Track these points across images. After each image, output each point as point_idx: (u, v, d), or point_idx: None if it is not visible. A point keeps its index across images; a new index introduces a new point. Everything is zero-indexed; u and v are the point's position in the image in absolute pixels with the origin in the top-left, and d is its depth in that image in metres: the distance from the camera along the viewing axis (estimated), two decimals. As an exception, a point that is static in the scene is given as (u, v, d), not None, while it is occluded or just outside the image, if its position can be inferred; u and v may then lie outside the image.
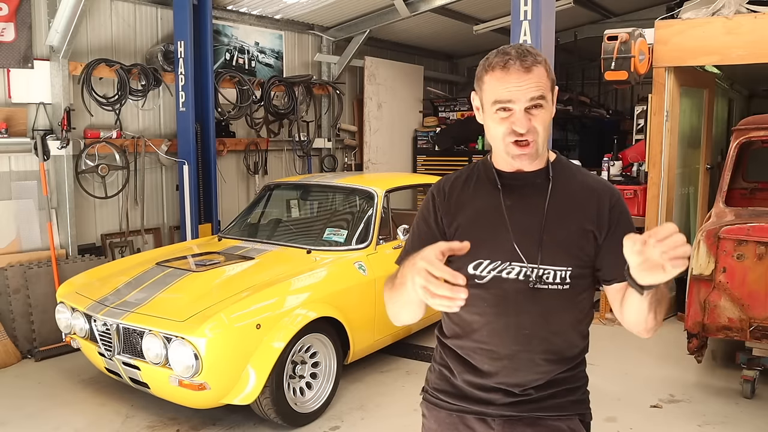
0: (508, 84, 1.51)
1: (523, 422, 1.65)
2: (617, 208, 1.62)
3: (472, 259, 1.61)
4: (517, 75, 1.51)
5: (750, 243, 4.11)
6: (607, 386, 4.47)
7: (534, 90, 1.51)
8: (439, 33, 8.76)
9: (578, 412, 1.69)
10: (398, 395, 4.33)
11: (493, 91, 1.53)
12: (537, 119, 1.53)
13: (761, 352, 4.17)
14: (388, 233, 4.76)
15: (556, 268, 1.57)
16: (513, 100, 1.51)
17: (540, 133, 1.54)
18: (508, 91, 1.51)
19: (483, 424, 1.67)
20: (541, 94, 1.52)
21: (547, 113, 1.55)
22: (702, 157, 6.54)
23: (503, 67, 1.52)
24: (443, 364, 1.75)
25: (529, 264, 1.58)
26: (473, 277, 1.61)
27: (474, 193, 1.68)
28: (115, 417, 4.02)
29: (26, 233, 5.32)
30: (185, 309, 3.66)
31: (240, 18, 7.04)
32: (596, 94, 10.29)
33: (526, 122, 1.51)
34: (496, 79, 1.53)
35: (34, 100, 5.33)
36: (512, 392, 1.64)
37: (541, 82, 1.52)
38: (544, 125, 1.54)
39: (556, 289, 1.58)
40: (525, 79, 1.50)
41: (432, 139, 8.90)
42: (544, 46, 4.41)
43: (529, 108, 1.52)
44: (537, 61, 1.53)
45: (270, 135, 7.44)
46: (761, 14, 5.25)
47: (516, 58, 1.51)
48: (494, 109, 1.54)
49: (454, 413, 1.71)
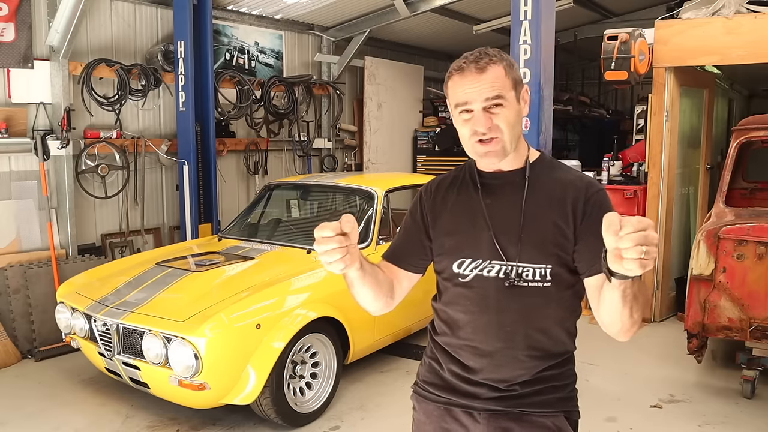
0: (464, 86, 1.57)
1: (508, 417, 1.68)
2: (593, 201, 1.61)
3: (455, 258, 1.68)
4: (472, 77, 1.56)
5: (750, 243, 4.11)
6: (607, 386, 4.47)
7: (489, 90, 1.56)
8: (439, 33, 8.76)
9: (564, 410, 1.71)
10: (398, 395, 4.32)
11: (454, 95, 1.61)
12: (498, 117, 1.57)
13: (761, 352, 4.18)
14: (388, 233, 4.76)
15: (536, 266, 1.61)
16: (469, 101, 1.57)
17: (505, 131, 1.58)
18: (464, 92, 1.58)
19: (469, 417, 1.71)
20: (497, 94, 1.56)
21: (510, 111, 1.58)
22: (702, 157, 6.54)
23: (458, 70, 1.60)
24: (433, 357, 1.80)
25: (508, 262, 1.62)
26: (457, 276, 1.67)
27: (457, 194, 1.74)
28: (115, 417, 4.02)
29: (26, 233, 5.32)
30: (185, 309, 3.66)
31: (240, 18, 7.04)
32: (596, 94, 10.30)
33: (485, 121, 1.56)
34: (455, 83, 1.60)
35: (34, 100, 5.33)
36: (498, 387, 1.67)
37: (497, 82, 1.56)
38: (507, 123, 1.58)
39: (537, 287, 1.61)
40: (480, 80, 1.56)
41: (432, 139, 8.90)
42: (544, 46, 4.41)
43: (488, 107, 1.56)
44: (492, 62, 1.57)
45: (270, 135, 7.44)
46: (761, 14, 5.25)
47: (471, 62, 1.58)
48: (457, 111, 1.61)
49: (441, 405, 1.76)
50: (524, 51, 4.43)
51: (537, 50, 4.39)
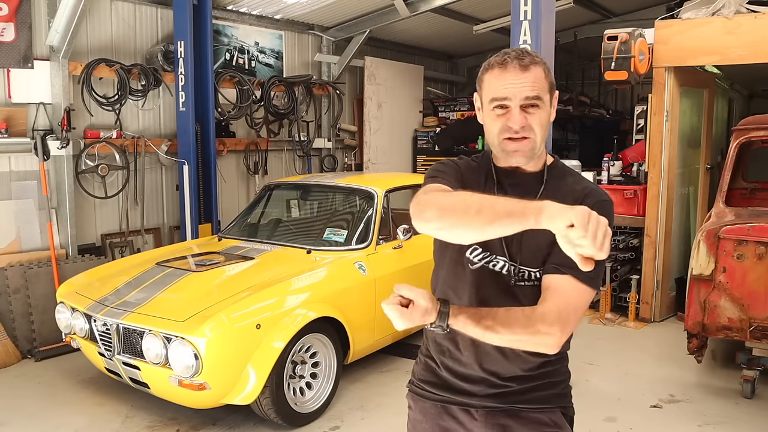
0: (505, 81, 1.55)
1: (506, 413, 1.69)
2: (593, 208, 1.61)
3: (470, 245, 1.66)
4: (514, 73, 1.55)
5: (750, 243, 4.11)
6: (607, 386, 4.47)
7: (530, 89, 1.55)
8: (439, 33, 8.76)
9: (560, 405, 1.73)
10: (398, 395, 4.32)
11: (491, 89, 1.58)
12: (533, 118, 1.56)
13: (761, 352, 4.18)
14: (388, 233, 4.75)
15: (531, 269, 1.62)
16: (509, 97, 1.55)
17: (537, 132, 1.57)
18: (505, 88, 1.55)
19: (466, 414, 1.72)
20: (537, 94, 1.55)
21: (544, 114, 1.58)
22: (702, 157, 6.54)
23: (501, 64, 1.57)
24: (428, 355, 1.81)
25: (511, 261, 1.63)
26: (467, 261, 1.67)
27: (476, 181, 1.70)
28: (115, 417, 4.02)
29: (26, 233, 5.32)
30: (185, 309, 3.66)
31: (240, 18, 7.04)
32: (596, 94, 10.29)
33: (521, 119, 1.55)
34: (494, 77, 1.57)
35: (34, 100, 5.33)
36: (494, 383, 1.68)
37: (537, 83, 1.55)
38: (540, 125, 1.57)
39: (532, 285, 1.63)
40: (522, 77, 1.54)
41: (432, 139, 8.90)
42: (544, 46, 4.41)
43: (525, 106, 1.55)
44: (535, 62, 1.57)
45: (270, 135, 7.44)
46: (761, 14, 5.25)
47: (514, 58, 1.56)
48: (492, 106, 1.58)
49: (438, 403, 1.76)
50: (524, 51, 4.42)
51: (537, 50, 4.39)
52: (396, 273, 4.49)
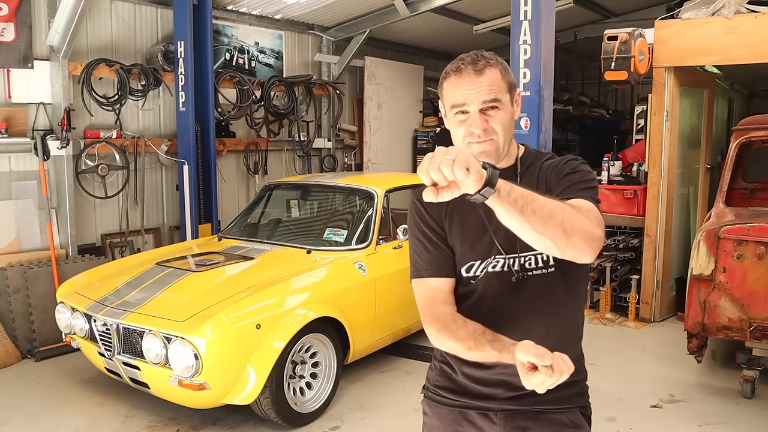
0: (461, 88, 1.58)
1: (525, 416, 1.68)
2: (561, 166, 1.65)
3: (464, 263, 1.69)
4: (470, 78, 1.57)
5: (750, 243, 4.11)
6: (607, 386, 4.47)
7: (486, 92, 1.57)
8: (439, 33, 8.75)
9: (579, 405, 1.73)
10: (398, 395, 4.33)
11: (450, 96, 1.61)
12: (494, 120, 1.58)
13: (761, 352, 4.18)
14: (388, 233, 4.76)
15: (536, 253, 1.62)
16: (467, 103, 1.58)
17: (499, 133, 1.60)
18: (462, 94, 1.58)
19: (485, 418, 1.71)
20: (494, 97, 1.57)
21: (505, 114, 1.60)
22: (702, 157, 6.54)
23: (456, 71, 1.60)
24: (444, 361, 1.79)
25: (508, 255, 1.64)
26: (468, 279, 1.69)
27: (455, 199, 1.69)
28: (115, 417, 4.02)
29: (26, 233, 5.32)
30: (185, 309, 3.66)
31: (240, 18, 7.04)
32: (596, 94, 10.29)
33: (481, 123, 1.57)
34: (452, 84, 1.60)
35: (34, 100, 5.33)
36: (514, 385, 1.65)
37: (494, 85, 1.58)
38: (503, 125, 1.60)
39: (543, 274, 1.63)
40: (477, 81, 1.57)
41: (432, 139, 8.90)
42: (544, 46, 4.42)
43: (484, 109, 1.57)
44: (490, 65, 1.59)
45: (270, 135, 7.44)
46: (761, 14, 5.25)
47: (468, 63, 1.58)
48: (453, 113, 1.61)
49: (456, 409, 1.75)
50: (524, 51, 4.43)
51: (537, 50, 4.39)
52: (396, 273, 4.49)
